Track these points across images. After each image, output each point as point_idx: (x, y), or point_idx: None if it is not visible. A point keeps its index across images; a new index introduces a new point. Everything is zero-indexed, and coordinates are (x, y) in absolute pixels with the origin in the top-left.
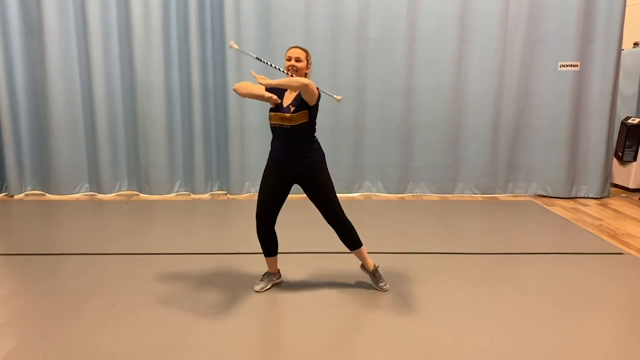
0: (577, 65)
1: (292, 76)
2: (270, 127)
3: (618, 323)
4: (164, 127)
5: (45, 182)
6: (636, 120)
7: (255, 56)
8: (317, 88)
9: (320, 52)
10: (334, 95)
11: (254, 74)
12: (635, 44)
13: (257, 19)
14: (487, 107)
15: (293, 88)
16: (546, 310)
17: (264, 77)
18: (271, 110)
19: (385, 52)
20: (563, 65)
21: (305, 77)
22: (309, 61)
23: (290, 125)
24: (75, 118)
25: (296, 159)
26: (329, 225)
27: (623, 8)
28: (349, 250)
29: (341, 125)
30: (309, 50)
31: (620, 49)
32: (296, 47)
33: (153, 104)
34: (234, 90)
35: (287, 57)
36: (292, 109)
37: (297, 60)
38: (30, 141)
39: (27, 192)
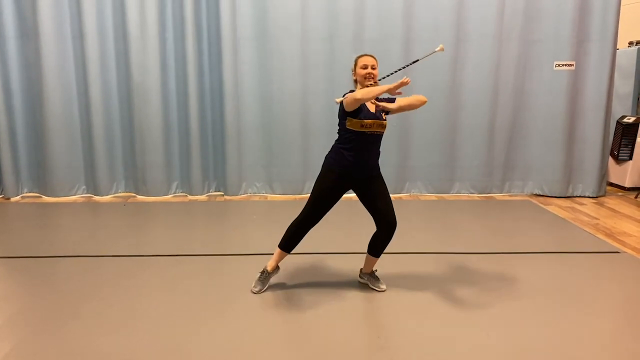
0: (573, 65)
1: (373, 84)
2: (360, 134)
3: (615, 321)
4: (161, 128)
5: (42, 184)
6: (632, 119)
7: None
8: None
9: (317, 53)
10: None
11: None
12: (630, 44)
13: (253, 20)
14: (483, 107)
15: (414, 107)
16: (543, 309)
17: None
18: (364, 117)
19: (381, 52)
20: (559, 65)
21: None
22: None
23: (383, 132)
24: (72, 120)
25: (373, 165)
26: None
27: (618, 8)
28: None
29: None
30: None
31: (615, 49)
32: (367, 55)
33: (149, 106)
34: (358, 99)
35: (361, 66)
36: (384, 116)
37: (373, 67)
38: (27, 143)
39: (23, 195)
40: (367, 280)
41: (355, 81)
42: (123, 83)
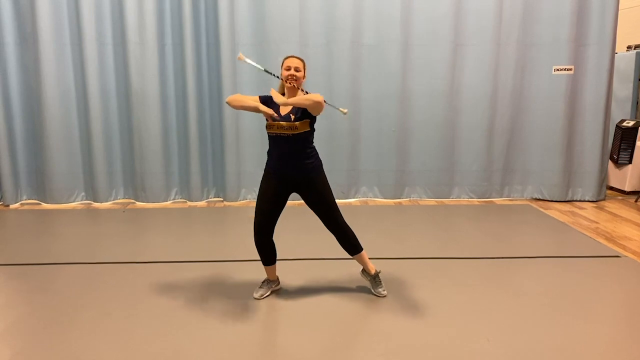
0: (571, 69)
1: (293, 85)
2: (269, 135)
3: (615, 326)
4: (160, 134)
5: (41, 191)
6: (631, 123)
7: (263, 69)
8: (325, 101)
9: (315, 58)
10: (340, 109)
11: (273, 92)
12: (629, 47)
13: (251, 26)
14: (482, 111)
15: (308, 107)
16: (543, 314)
17: (281, 96)
18: (268, 119)
19: (379, 57)
20: (557, 69)
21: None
22: (305, 70)
23: (292, 134)
24: (71, 126)
25: (295, 167)
26: (328, 231)
27: (616, 12)
28: (348, 256)
29: (337, 131)
30: (304, 59)
31: (613, 53)
32: (294, 56)
33: (148, 112)
34: (227, 103)
35: (285, 67)
36: (293, 117)
37: (296, 69)
38: (26, 150)
39: (22, 202)
40: (369, 282)
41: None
42: (122, 89)
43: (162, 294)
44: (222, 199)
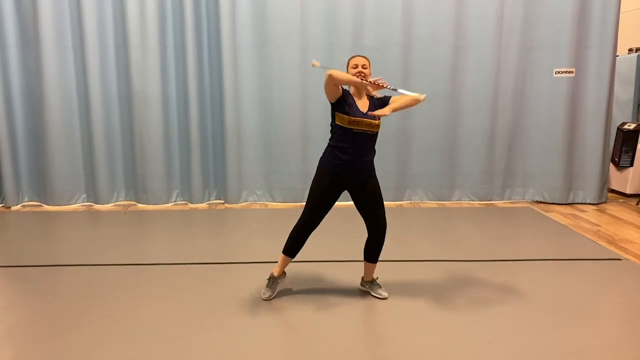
0: (573, 72)
1: (362, 80)
2: (350, 132)
3: (616, 329)
4: (161, 136)
5: (42, 193)
6: (632, 126)
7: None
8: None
9: (316, 60)
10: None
11: (378, 112)
12: (630, 50)
13: (253, 28)
14: (483, 114)
15: (412, 105)
16: (544, 317)
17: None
18: (353, 114)
19: (380, 59)
20: (558, 72)
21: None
22: (370, 67)
23: (374, 132)
24: (72, 128)
25: (366, 165)
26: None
27: (617, 14)
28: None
29: None
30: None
31: (615, 55)
32: (359, 55)
33: (150, 114)
34: (330, 75)
35: (352, 65)
36: (377, 116)
37: (363, 67)
38: (27, 152)
39: (24, 204)
40: (369, 288)
41: None
42: (123, 91)
43: (163, 295)
44: (223, 201)
